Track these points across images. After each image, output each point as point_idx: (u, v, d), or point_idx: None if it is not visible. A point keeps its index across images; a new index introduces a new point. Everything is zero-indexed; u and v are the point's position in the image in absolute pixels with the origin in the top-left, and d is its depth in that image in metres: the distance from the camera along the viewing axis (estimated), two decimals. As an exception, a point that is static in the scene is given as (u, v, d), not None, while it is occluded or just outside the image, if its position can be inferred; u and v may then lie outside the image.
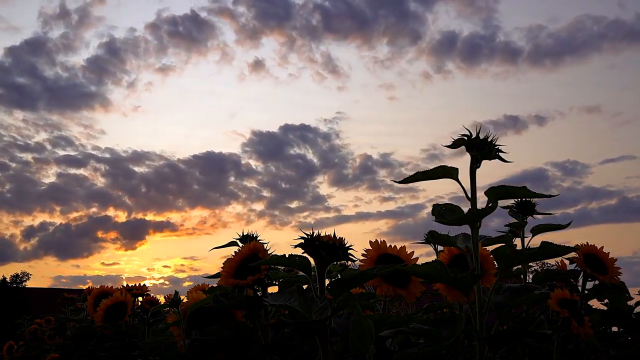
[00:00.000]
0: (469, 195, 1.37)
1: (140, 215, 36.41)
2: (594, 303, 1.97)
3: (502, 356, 1.62)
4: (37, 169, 37.11)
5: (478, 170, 1.38)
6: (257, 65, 38.52)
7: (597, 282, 1.81)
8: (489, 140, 1.35)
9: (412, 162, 35.99)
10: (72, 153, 37.14)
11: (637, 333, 2.01)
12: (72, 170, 36.88)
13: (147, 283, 2.89)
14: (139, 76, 39.22)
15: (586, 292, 1.83)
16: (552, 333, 1.71)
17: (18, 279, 26.54)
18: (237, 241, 1.96)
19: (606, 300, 2.01)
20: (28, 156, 36.29)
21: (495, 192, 1.39)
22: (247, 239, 1.93)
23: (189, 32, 37.19)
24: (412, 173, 1.42)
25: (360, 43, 39.20)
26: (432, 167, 1.39)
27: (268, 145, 39.17)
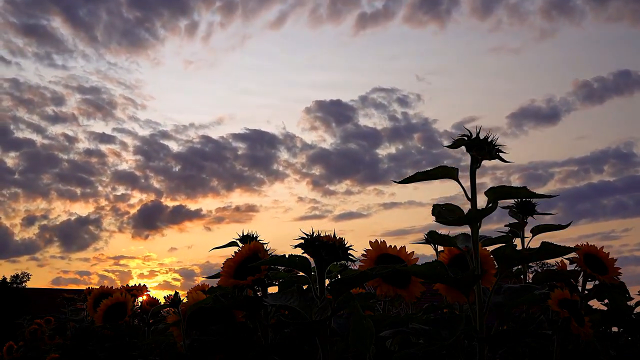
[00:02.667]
0: (469, 196, 1.37)
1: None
2: (594, 303, 1.97)
3: (502, 356, 1.62)
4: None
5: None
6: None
7: (597, 282, 1.81)
8: (489, 140, 1.35)
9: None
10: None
11: (637, 333, 2.01)
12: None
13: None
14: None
15: (586, 292, 1.83)
16: (552, 333, 1.71)
17: (18, 279, 26.53)
18: (237, 241, 1.96)
19: (606, 301, 2.01)
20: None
21: (495, 192, 1.39)
22: (247, 239, 1.93)
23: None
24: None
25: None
26: (432, 168, 1.40)
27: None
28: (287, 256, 1.48)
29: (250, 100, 42.02)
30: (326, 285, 1.45)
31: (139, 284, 2.89)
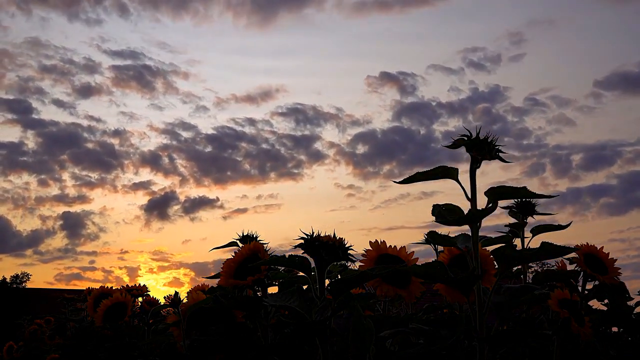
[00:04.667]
0: (469, 196, 1.37)
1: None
2: (594, 303, 1.97)
3: (502, 356, 1.62)
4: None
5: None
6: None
7: (597, 282, 1.81)
8: (489, 140, 1.35)
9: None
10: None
11: (637, 333, 2.01)
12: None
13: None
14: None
15: (586, 292, 1.83)
16: (552, 333, 1.71)
17: (18, 279, 26.53)
18: (237, 241, 1.96)
19: (606, 301, 2.01)
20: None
21: (495, 192, 1.39)
22: (247, 239, 1.93)
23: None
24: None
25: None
26: (432, 168, 1.40)
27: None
28: (287, 256, 1.48)
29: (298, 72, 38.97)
30: (326, 285, 1.46)
31: (139, 284, 2.89)
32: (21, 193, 31.66)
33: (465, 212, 1.39)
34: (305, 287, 1.58)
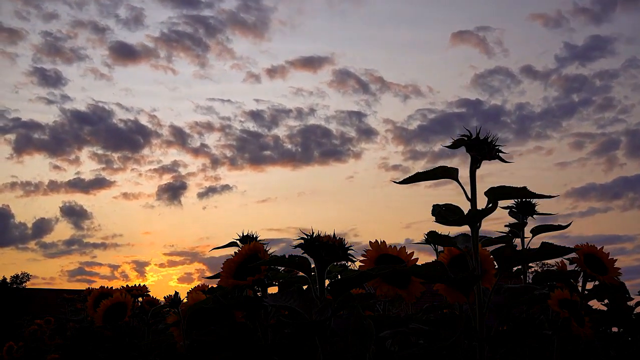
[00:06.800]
0: (469, 196, 1.38)
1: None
2: (594, 303, 1.97)
3: (502, 357, 1.62)
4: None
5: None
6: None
7: (597, 282, 1.81)
8: (489, 140, 1.35)
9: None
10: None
11: (637, 333, 2.01)
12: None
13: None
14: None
15: (586, 292, 1.83)
16: (552, 333, 1.71)
17: (18, 279, 26.52)
18: (237, 241, 1.96)
19: (606, 301, 2.01)
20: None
21: (495, 193, 1.39)
22: (247, 239, 1.93)
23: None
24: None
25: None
26: (432, 168, 1.40)
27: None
28: (286, 256, 1.48)
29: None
30: (326, 285, 1.46)
31: (139, 284, 2.89)
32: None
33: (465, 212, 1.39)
34: (305, 287, 1.58)
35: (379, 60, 37.88)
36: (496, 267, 1.50)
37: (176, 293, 2.06)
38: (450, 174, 1.38)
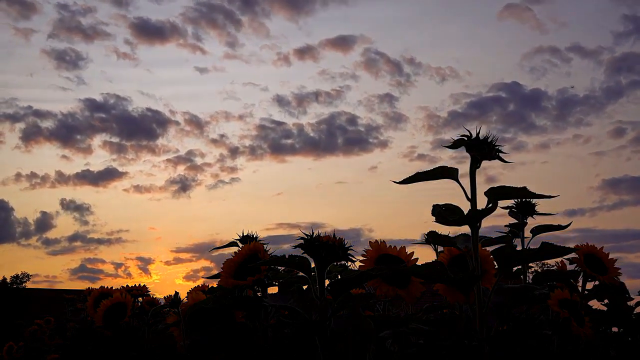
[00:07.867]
0: (469, 196, 1.38)
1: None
2: (594, 303, 1.97)
3: (502, 357, 1.62)
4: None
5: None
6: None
7: (597, 282, 1.81)
8: (489, 140, 1.35)
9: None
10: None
11: (637, 333, 2.01)
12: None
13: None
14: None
15: (586, 292, 1.83)
16: (552, 333, 1.71)
17: (18, 279, 26.51)
18: (237, 241, 1.96)
19: (606, 301, 2.01)
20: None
21: (495, 193, 1.39)
22: (247, 239, 1.93)
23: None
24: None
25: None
26: (432, 168, 1.40)
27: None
28: (286, 256, 1.48)
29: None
30: (326, 285, 1.46)
31: (139, 284, 2.89)
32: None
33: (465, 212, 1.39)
34: (305, 287, 1.58)
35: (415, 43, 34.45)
36: (496, 267, 1.50)
37: (176, 293, 2.06)
38: (450, 174, 1.38)
